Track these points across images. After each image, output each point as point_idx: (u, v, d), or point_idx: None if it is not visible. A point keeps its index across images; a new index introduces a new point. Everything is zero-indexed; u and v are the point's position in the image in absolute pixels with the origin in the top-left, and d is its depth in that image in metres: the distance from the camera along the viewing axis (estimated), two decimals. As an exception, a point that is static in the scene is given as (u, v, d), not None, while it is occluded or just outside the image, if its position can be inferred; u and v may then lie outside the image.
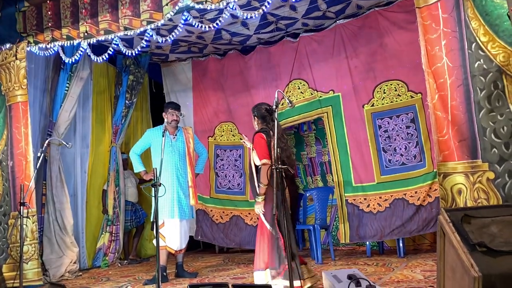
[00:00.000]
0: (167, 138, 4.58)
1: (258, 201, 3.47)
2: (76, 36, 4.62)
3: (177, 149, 4.65)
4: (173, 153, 4.61)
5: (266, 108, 3.78)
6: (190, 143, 4.77)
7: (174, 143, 4.65)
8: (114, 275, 5.02)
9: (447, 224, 2.23)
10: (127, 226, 6.06)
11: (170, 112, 4.62)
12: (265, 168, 3.40)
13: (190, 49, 6.19)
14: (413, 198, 4.93)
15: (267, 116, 3.73)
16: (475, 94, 2.91)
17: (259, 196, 3.46)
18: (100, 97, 6.08)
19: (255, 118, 3.82)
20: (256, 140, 3.59)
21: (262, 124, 3.74)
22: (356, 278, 2.60)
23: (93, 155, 5.88)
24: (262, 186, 3.43)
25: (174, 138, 4.67)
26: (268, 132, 3.62)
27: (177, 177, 4.59)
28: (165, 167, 4.42)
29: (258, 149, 3.53)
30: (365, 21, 5.34)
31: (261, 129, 3.68)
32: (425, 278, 3.67)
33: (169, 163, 4.55)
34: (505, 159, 2.80)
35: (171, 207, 4.50)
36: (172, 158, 4.59)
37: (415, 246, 5.42)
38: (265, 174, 3.39)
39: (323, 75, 5.66)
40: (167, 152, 4.51)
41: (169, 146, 4.59)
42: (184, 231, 4.62)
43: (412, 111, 5.10)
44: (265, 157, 3.45)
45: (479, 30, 2.87)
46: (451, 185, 3.03)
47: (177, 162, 4.62)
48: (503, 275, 1.97)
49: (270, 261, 3.38)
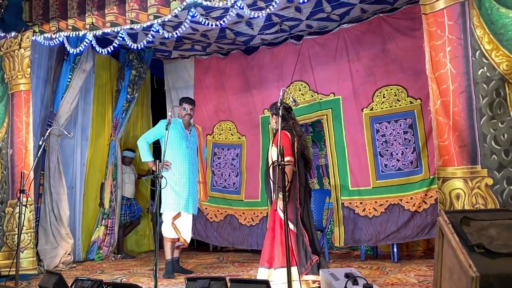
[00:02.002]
0: (184, 133, 4.67)
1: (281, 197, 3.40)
2: (82, 27, 4.63)
3: (193, 144, 4.72)
4: (189, 147, 4.66)
5: (285, 106, 3.75)
6: (201, 141, 4.89)
7: (190, 138, 4.71)
8: (108, 268, 5.03)
9: (446, 225, 2.26)
10: (121, 220, 6.05)
11: (184, 106, 4.70)
12: (290, 167, 3.39)
13: (194, 47, 6.22)
14: (409, 204, 4.97)
15: (286, 114, 3.71)
16: (477, 101, 2.95)
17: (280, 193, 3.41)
18: (101, 90, 6.09)
19: (273, 116, 3.80)
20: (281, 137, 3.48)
21: (282, 123, 3.65)
22: (354, 276, 2.62)
23: (92, 148, 5.88)
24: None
25: (190, 133, 4.74)
26: (291, 130, 3.60)
27: (193, 171, 4.64)
28: (183, 160, 4.56)
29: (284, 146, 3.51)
30: (368, 26, 5.40)
31: (284, 126, 3.63)
32: (419, 282, 3.71)
33: (186, 157, 4.60)
34: (504, 166, 2.84)
35: (187, 200, 4.53)
36: (189, 152, 4.64)
37: (409, 252, 5.46)
38: (289, 172, 3.38)
39: (325, 78, 5.71)
40: (184, 146, 4.61)
41: (186, 140, 4.66)
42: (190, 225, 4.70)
43: (411, 116, 5.15)
44: (289, 155, 3.43)
45: (483, 38, 2.92)
46: (449, 190, 3.08)
47: (193, 156, 4.68)
48: (500, 276, 2.01)
49: (297, 258, 3.36)
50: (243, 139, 6.32)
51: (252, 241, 5.95)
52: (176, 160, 4.57)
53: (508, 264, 2.06)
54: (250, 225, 6.04)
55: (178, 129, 4.65)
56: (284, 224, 3.42)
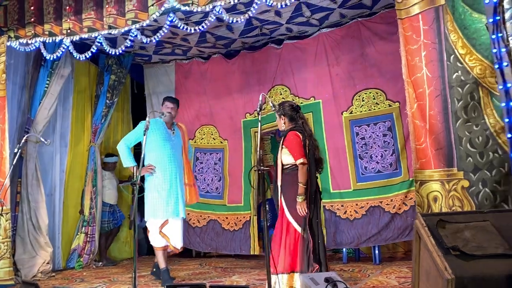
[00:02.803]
0: (167, 133, 4.44)
1: (299, 201, 3.34)
2: (58, 33, 4.56)
3: (176, 145, 4.49)
4: (174, 148, 4.43)
5: (293, 106, 3.66)
6: (186, 139, 4.67)
7: (173, 138, 4.48)
8: (88, 276, 4.94)
9: (423, 228, 2.29)
10: (104, 227, 5.97)
11: (165, 104, 4.51)
12: (304, 168, 3.33)
13: (174, 51, 6.19)
14: (389, 206, 5.02)
15: (295, 114, 3.62)
16: (452, 105, 3.00)
17: (299, 196, 3.34)
18: (80, 96, 6.00)
19: (282, 117, 3.64)
20: (291, 138, 3.45)
21: (290, 123, 3.60)
22: (333, 281, 2.63)
23: (72, 154, 5.78)
24: (301, 186, 3.33)
25: (174, 133, 4.52)
26: (302, 131, 3.52)
27: (179, 173, 4.42)
28: (168, 163, 4.32)
29: (294, 148, 3.40)
30: (347, 31, 5.45)
31: (294, 127, 3.55)
32: (399, 284, 3.74)
33: (171, 158, 4.37)
34: (479, 168, 2.89)
35: (175, 205, 4.30)
36: (174, 153, 4.41)
37: (390, 254, 5.51)
38: (304, 173, 3.33)
39: (305, 82, 5.75)
40: (169, 147, 4.38)
41: (170, 141, 4.43)
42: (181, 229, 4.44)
43: (390, 119, 5.21)
44: (302, 156, 3.36)
45: (457, 42, 2.97)
46: (427, 192, 3.11)
47: (178, 158, 4.46)
48: (475, 277, 2.04)
49: (300, 264, 3.31)
50: (225, 143, 6.31)
51: (235, 246, 5.93)
52: (161, 163, 4.32)
53: (483, 266, 2.09)
54: (233, 230, 6.02)
55: (160, 130, 4.41)
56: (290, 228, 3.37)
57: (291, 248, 3.36)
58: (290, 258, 3.35)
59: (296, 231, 3.37)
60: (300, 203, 3.34)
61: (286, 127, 3.60)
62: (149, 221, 4.35)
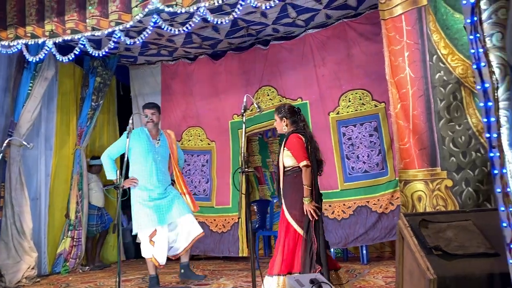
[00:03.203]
0: (150, 143, 4.25)
1: (306, 203, 3.29)
2: (41, 35, 4.50)
3: (161, 155, 4.30)
4: (157, 160, 4.23)
5: (293, 108, 3.61)
6: (174, 148, 4.44)
7: (158, 149, 4.28)
8: (74, 281, 4.87)
9: (406, 229, 2.30)
10: (93, 231, 5.91)
11: (144, 113, 4.29)
12: (308, 170, 3.30)
13: (160, 52, 6.15)
14: (376, 206, 5.04)
15: (296, 117, 3.57)
16: (435, 105, 3.02)
17: (305, 198, 3.29)
18: (65, 98, 5.92)
19: (283, 120, 3.58)
20: (294, 141, 3.41)
21: (291, 126, 3.55)
22: (318, 282, 2.62)
23: (57, 158, 5.71)
24: (306, 188, 3.29)
25: (158, 144, 4.30)
26: (304, 133, 3.48)
27: (163, 183, 4.25)
28: (150, 176, 4.16)
29: (296, 151, 3.36)
30: (333, 32, 5.46)
31: (296, 129, 3.50)
32: (386, 284, 3.76)
33: (154, 171, 4.19)
34: (462, 168, 2.91)
35: (161, 214, 4.13)
36: (157, 166, 4.21)
37: (378, 253, 5.54)
38: (308, 175, 3.30)
39: (292, 82, 5.75)
40: (151, 159, 4.20)
41: (153, 152, 4.24)
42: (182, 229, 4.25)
43: (376, 119, 5.24)
44: (306, 159, 3.32)
45: (440, 43, 2.99)
46: (411, 192, 3.13)
47: (163, 169, 4.27)
48: (457, 277, 2.05)
49: (300, 265, 3.24)
50: (212, 144, 6.28)
51: (223, 248, 5.91)
52: (143, 175, 4.16)
53: (464, 265, 2.10)
54: (221, 232, 5.99)
55: (143, 140, 4.24)
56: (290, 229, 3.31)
57: (290, 249, 3.31)
58: (288, 259, 3.30)
59: (296, 232, 3.32)
60: (308, 205, 3.29)
61: (287, 130, 3.56)
62: (139, 233, 4.22)
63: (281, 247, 3.35)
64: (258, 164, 6.81)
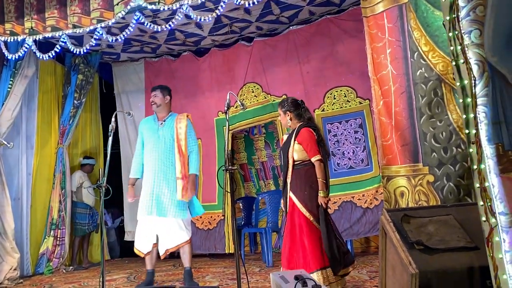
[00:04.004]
0: (154, 125, 4.13)
1: (321, 195, 3.27)
2: (20, 32, 4.42)
3: (163, 136, 4.08)
4: (158, 141, 4.05)
5: (297, 101, 3.58)
6: (181, 128, 4.08)
7: (160, 129, 4.10)
8: (57, 281, 4.81)
9: (388, 224, 2.32)
10: (84, 230, 5.86)
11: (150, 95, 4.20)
12: (321, 164, 3.30)
13: (143, 49, 6.09)
14: (361, 201, 5.09)
15: (300, 110, 3.53)
16: (417, 101, 3.06)
17: (321, 191, 3.28)
18: (46, 96, 5.82)
19: (287, 113, 3.54)
20: (306, 135, 3.37)
21: (297, 119, 3.51)
22: (303, 278, 2.63)
23: (39, 157, 5.61)
24: (321, 181, 3.28)
25: (162, 124, 4.11)
26: (315, 127, 3.47)
27: (161, 168, 4.00)
28: (149, 159, 4.03)
29: (309, 145, 3.33)
30: (317, 28, 5.48)
31: (306, 123, 3.47)
32: (370, 279, 3.80)
33: (153, 152, 4.03)
34: (443, 163, 2.95)
35: (148, 203, 3.92)
36: (157, 147, 4.03)
37: (363, 248, 5.59)
38: (322, 169, 3.30)
39: (277, 79, 5.76)
40: (152, 140, 4.07)
41: (155, 133, 4.09)
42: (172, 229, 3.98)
43: (360, 116, 5.29)
44: (318, 153, 3.31)
45: (420, 40, 3.02)
46: (394, 188, 3.16)
47: (161, 151, 4.03)
48: (438, 271, 2.08)
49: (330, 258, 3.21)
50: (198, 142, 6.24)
51: (210, 245, 5.89)
52: (146, 161, 4.07)
53: (445, 259, 2.13)
54: (208, 229, 5.98)
55: (149, 123, 4.16)
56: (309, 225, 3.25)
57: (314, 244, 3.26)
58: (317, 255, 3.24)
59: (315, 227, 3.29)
60: (322, 197, 3.29)
61: (292, 124, 3.53)
62: None
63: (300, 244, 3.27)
64: (244, 161, 6.81)
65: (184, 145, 4.07)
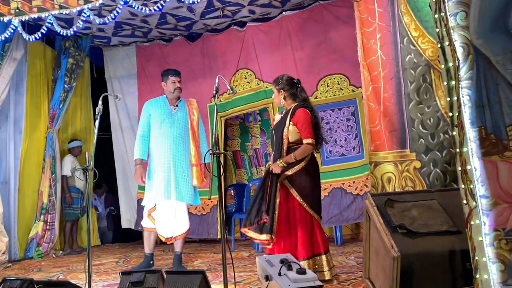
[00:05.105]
0: (167, 109, 4.05)
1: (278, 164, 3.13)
2: (6, 13, 4.34)
3: (178, 120, 4.04)
4: (173, 125, 4.00)
5: (292, 79, 3.35)
6: (194, 115, 4.13)
7: (174, 114, 4.04)
8: (47, 266, 4.81)
9: (372, 208, 2.32)
10: (76, 214, 5.84)
11: (171, 79, 4.10)
12: (309, 148, 3.14)
13: (134, 33, 6.01)
14: (351, 188, 5.11)
15: (295, 90, 3.33)
16: (405, 87, 3.04)
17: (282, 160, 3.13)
18: (35, 80, 5.74)
19: (280, 92, 3.34)
20: (302, 116, 3.19)
21: (292, 99, 3.32)
22: (288, 262, 2.63)
23: (27, 141, 5.55)
24: (292, 156, 3.12)
25: (175, 109, 4.07)
26: (311, 109, 3.29)
27: (175, 153, 3.98)
28: (164, 141, 3.96)
29: (304, 126, 3.16)
30: (310, 14, 5.43)
31: (303, 104, 3.29)
32: (357, 264, 3.81)
33: (167, 136, 3.97)
34: (430, 149, 2.95)
35: (166, 188, 3.90)
36: (171, 130, 3.98)
37: (353, 235, 5.62)
38: (304, 152, 3.13)
39: (269, 66, 5.70)
40: (165, 124, 3.99)
41: (169, 117, 4.01)
42: (182, 215, 4.03)
43: (353, 104, 5.28)
44: (311, 137, 3.15)
45: (410, 25, 2.99)
46: (381, 174, 3.16)
47: (176, 135, 4.00)
48: (419, 254, 2.09)
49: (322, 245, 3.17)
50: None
51: (202, 230, 5.90)
52: (157, 143, 3.99)
53: (427, 243, 2.14)
54: (201, 214, 5.98)
55: (160, 106, 4.06)
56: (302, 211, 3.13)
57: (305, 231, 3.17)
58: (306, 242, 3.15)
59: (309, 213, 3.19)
60: (277, 165, 3.15)
61: (286, 103, 3.35)
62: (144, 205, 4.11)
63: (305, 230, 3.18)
64: (237, 148, 6.80)
65: (197, 131, 4.15)
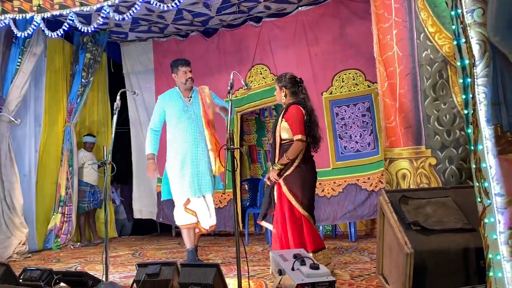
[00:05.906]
0: (181, 102, 4.02)
1: (274, 168, 3.18)
2: (28, 10, 4.43)
3: (194, 113, 4.03)
4: (190, 119, 3.98)
5: (295, 78, 3.40)
6: (207, 102, 4.10)
7: (189, 106, 4.02)
8: (65, 257, 4.93)
9: (386, 205, 2.33)
10: (84, 207, 5.94)
11: (182, 70, 4.06)
12: (299, 144, 3.15)
13: (151, 28, 6.07)
14: (366, 184, 5.09)
15: (297, 88, 3.36)
16: (421, 83, 3.02)
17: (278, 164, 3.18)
18: (54, 75, 5.86)
19: (282, 89, 3.38)
20: (293, 113, 3.22)
21: (291, 97, 3.36)
22: (301, 257, 2.66)
23: (46, 134, 5.68)
24: (285, 158, 3.15)
25: (190, 101, 4.04)
26: (305, 105, 3.29)
27: (197, 147, 3.97)
28: (185, 137, 3.94)
29: (294, 123, 3.19)
30: (326, 9, 5.41)
31: (296, 101, 3.31)
32: (371, 260, 3.82)
33: (187, 131, 3.95)
34: (446, 146, 2.93)
35: (196, 182, 3.93)
36: (190, 125, 3.96)
37: (367, 231, 5.61)
38: (296, 150, 3.15)
39: (284, 61, 5.71)
40: (183, 120, 3.97)
41: (185, 111, 3.99)
42: (212, 206, 4.11)
43: (369, 100, 5.25)
44: (301, 133, 3.15)
45: (427, 21, 2.97)
46: (396, 170, 3.16)
47: (197, 128, 4.00)
48: (433, 251, 2.09)
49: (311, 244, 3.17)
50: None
51: (219, 223, 5.87)
52: (177, 139, 3.98)
53: (441, 240, 2.14)
54: (218, 207, 6.01)
55: (175, 100, 4.03)
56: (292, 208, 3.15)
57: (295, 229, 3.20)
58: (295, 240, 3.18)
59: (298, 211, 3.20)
60: (274, 170, 3.19)
61: (286, 101, 3.38)
62: (175, 200, 4.07)
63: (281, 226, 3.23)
64: (253, 143, 6.83)
65: (211, 113, 4.10)
